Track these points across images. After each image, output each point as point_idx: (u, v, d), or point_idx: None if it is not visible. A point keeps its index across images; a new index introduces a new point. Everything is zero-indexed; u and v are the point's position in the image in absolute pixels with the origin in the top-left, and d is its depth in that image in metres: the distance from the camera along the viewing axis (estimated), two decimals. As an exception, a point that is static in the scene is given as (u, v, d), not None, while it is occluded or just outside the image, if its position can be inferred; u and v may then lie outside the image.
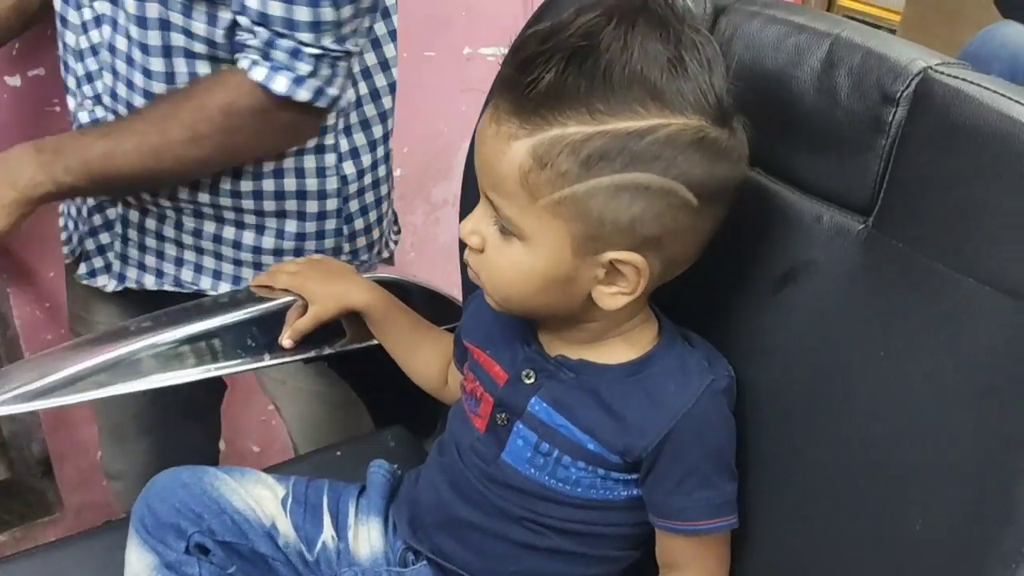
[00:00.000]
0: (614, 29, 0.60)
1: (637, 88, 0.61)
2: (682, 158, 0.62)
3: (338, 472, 0.88)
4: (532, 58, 0.61)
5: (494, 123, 0.64)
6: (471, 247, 0.69)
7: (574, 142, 0.61)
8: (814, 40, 0.69)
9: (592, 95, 0.61)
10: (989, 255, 0.57)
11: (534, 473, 0.72)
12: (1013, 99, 0.57)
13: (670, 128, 0.61)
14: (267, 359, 0.90)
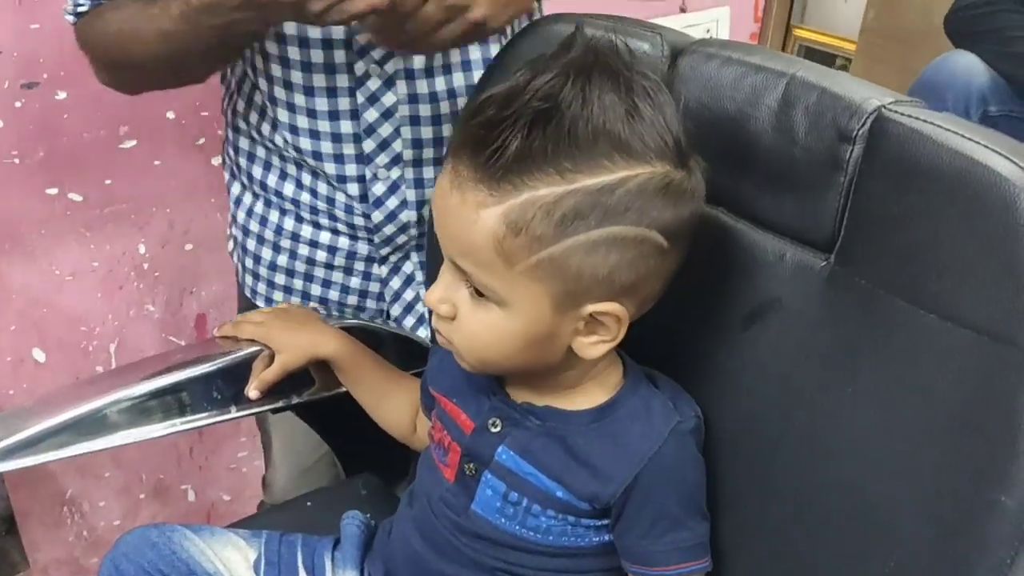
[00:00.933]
0: (572, 87, 0.60)
1: (602, 142, 0.61)
2: (651, 205, 0.62)
3: (310, 524, 0.87)
4: (494, 124, 0.61)
5: (457, 191, 0.63)
6: (441, 315, 0.68)
7: (547, 204, 0.61)
8: (770, 80, 0.70)
9: (559, 155, 0.60)
10: (949, 291, 0.58)
11: (504, 523, 0.72)
12: (966, 137, 0.58)
13: (638, 178, 0.62)
14: (234, 411, 0.89)
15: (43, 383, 1.29)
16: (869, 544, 0.62)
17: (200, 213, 1.34)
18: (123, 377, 0.86)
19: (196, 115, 1.29)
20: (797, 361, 0.68)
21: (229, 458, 1.50)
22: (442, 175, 0.65)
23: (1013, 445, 0.54)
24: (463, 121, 0.65)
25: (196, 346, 0.94)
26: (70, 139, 1.21)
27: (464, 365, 0.70)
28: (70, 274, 1.28)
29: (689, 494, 0.70)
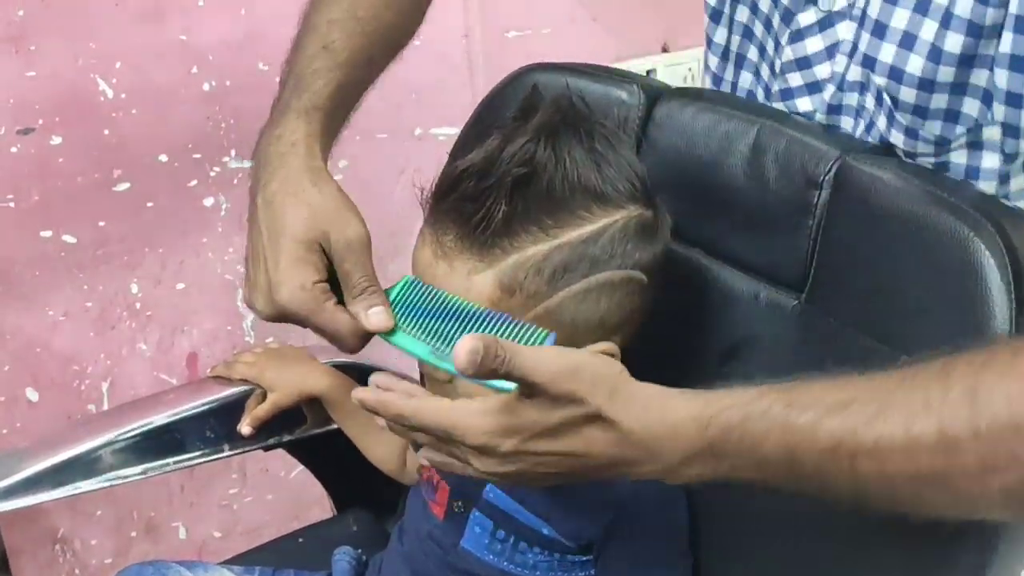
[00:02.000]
0: (544, 149, 0.63)
1: (579, 196, 0.64)
2: (632, 247, 0.66)
3: (302, 560, 0.88)
4: (476, 196, 0.64)
5: (443, 261, 0.65)
6: (436, 380, 0.69)
7: (536, 263, 0.64)
8: (742, 127, 0.73)
9: (542, 214, 0.63)
10: (912, 330, 0.60)
11: (493, 559, 0.73)
12: (923, 184, 0.61)
13: (617, 224, 0.65)
14: (227, 449, 0.91)
15: (36, 422, 1.30)
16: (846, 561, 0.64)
17: (192, 253, 1.36)
18: (116, 417, 0.87)
19: (188, 158, 1.31)
20: None
21: (220, 495, 1.50)
22: (421, 247, 0.67)
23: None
24: (442, 195, 0.67)
25: (189, 386, 0.96)
26: (64, 182, 1.23)
27: None
28: (63, 314, 1.29)
29: (670, 532, 0.72)
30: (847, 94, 0.73)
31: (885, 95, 0.68)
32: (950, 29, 0.63)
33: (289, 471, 1.54)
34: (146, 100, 1.25)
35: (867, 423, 0.49)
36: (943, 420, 0.46)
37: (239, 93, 1.30)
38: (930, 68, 0.65)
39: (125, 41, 1.21)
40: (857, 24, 0.70)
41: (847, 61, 0.72)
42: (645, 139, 0.80)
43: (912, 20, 0.65)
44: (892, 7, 0.66)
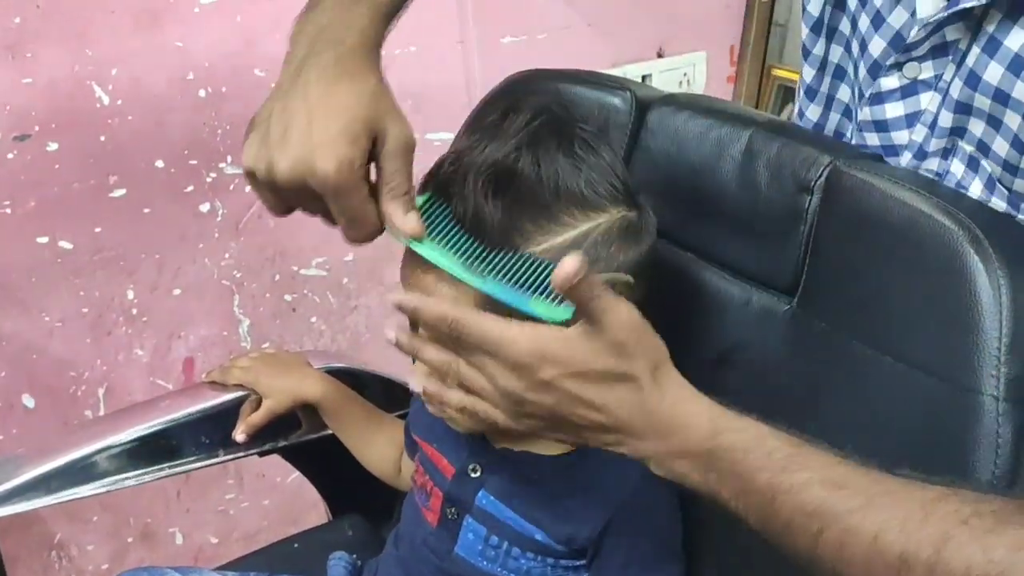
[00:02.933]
0: (527, 156, 0.63)
1: (562, 201, 0.64)
2: (617, 250, 0.65)
3: (296, 565, 0.89)
4: (455, 193, 0.63)
5: (431, 272, 0.64)
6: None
7: None
8: (734, 133, 0.73)
9: (523, 221, 0.63)
10: (901, 335, 0.61)
11: (486, 565, 0.74)
12: (913, 189, 0.61)
13: (600, 227, 0.65)
14: (221, 455, 0.91)
15: (32, 428, 1.30)
16: None
17: (188, 259, 1.36)
18: (112, 423, 0.88)
19: (185, 164, 1.31)
20: (764, 400, 0.69)
21: (216, 501, 1.51)
22: (408, 257, 0.66)
23: (963, 480, 0.56)
24: (429, 207, 0.65)
25: (184, 391, 0.96)
26: (61, 189, 1.23)
27: (456, 428, 0.71)
28: (59, 320, 1.29)
29: (661, 536, 0.72)
30: (929, 159, 0.73)
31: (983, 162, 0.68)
32: None
33: (285, 476, 1.54)
34: (142, 107, 1.25)
35: (847, 511, 0.52)
36: (907, 547, 0.49)
37: (235, 100, 1.31)
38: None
39: (122, 48, 1.21)
40: (941, 96, 0.70)
41: (926, 132, 0.72)
42: (637, 145, 0.80)
43: None
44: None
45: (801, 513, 0.53)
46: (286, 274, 1.44)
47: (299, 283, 1.46)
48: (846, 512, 0.52)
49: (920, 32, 0.69)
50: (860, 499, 0.52)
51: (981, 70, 0.66)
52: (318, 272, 1.47)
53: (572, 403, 0.57)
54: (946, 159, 0.72)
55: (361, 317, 1.53)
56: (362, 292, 1.52)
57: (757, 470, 0.55)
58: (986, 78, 0.66)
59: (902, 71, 0.72)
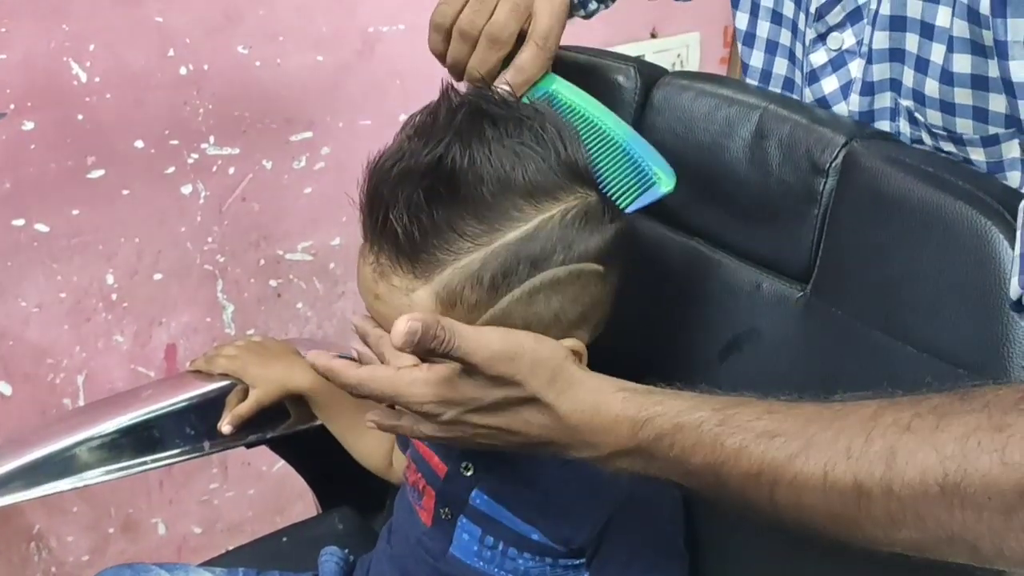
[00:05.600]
0: (461, 150, 0.59)
1: (506, 195, 0.59)
2: (575, 239, 0.61)
3: (286, 560, 0.86)
4: (394, 203, 0.59)
5: (383, 280, 0.61)
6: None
7: (473, 272, 0.59)
8: (744, 112, 0.70)
9: (469, 220, 0.59)
10: (923, 323, 0.58)
11: (483, 566, 0.71)
12: (936, 171, 0.59)
13: (553, 218, 0.61)
14: (207, 446, 0.88)
15: (9, 416, 1.26)
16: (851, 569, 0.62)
17: (169, 242, 1.32)
18: (94, 414, 0.84)
19: (165, 144, 1.27)
20: (775, 390, 0.67)
21: (200, 491, 1.48)
22: (362, 266, 0.63)
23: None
24: (368, 210, 0.62)
25: (168, 381, 0.93)
26: (37, 169, 1.19)
27: None
28: (36, 306, 1.25)
29: (664, 534, 0.70)
30: (877, 124, 0.71)
31: (919, 115, 0.66)
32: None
33: (271, 465, 1.51)
34: (121, 84, 1.21)
35: (789, 458, 0.50)
36: (859, 472, 0.48)
37: (217, 77, 1.27)
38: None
39: (99, 23, 1.17)
40: (865, 60, 0.68)
41: (859, 99, 0.70)
42: (643, 124, 0.77)
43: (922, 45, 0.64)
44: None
45: (748, 477, 0.52)
46: (271, 259, 1.41)
47: (284, 268, 1.42)
48: (788, 460, 0.50)
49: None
50: (798, 442, 0.50)
51: (900, 9, 0.65)
52: (304, 257, 1.44)
53: (488, 432, 0.58)
54: (894, 120, 0.70)
55: (348, 303, 1.50)
56: (349, 277, 1.49)
57: (691, 449, 0.54)
58: (909, 15, 0.65)
59: (826, 43, 0.71)
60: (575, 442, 0.57)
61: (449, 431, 0.59)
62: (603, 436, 0.56)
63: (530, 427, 0.57)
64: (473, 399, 0.57)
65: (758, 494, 0.52)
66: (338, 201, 1.41)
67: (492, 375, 0.56)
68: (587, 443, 0.57)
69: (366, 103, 1.41)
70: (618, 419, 0.56)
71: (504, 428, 0.58)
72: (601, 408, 0.56)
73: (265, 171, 1.36)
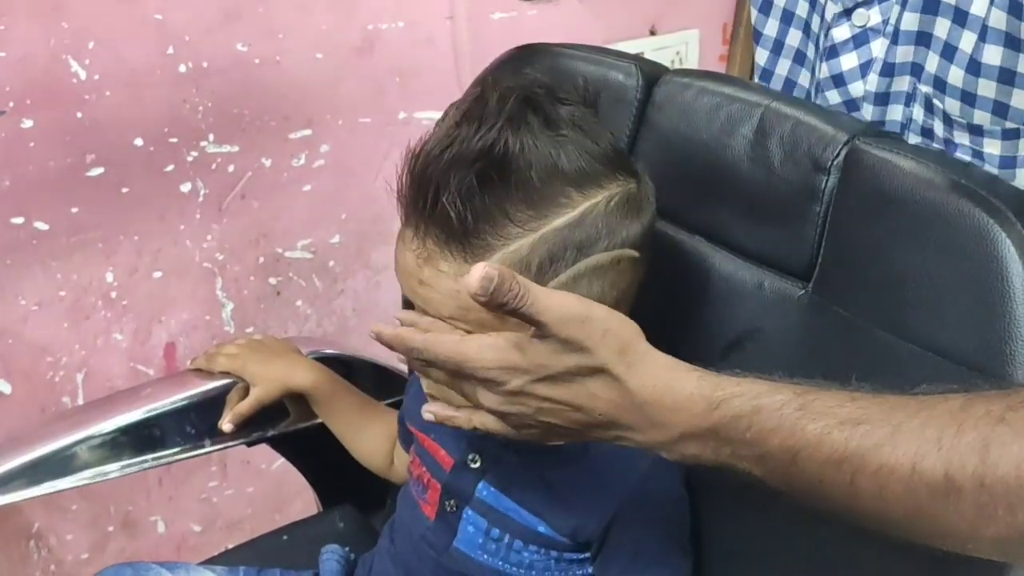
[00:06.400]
0: (512, 138, 0.59)
1: (555, 182, 0.61)
2: (618, 225, 0.63)
3: (287, 558, 0.86)
4: (445, 188, 0.59)
5: (428, 265, 0.61)
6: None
7: (522, 257, 0.60)
8: (746, 110, 0.70)
9: (519, 207, 0.60)
10: (926, 321, 0.58)
11: (487, 559, 0.71)
12: (939, 169, 0.59)
13: (598, 205, 0.62)
14: (208, 445, 0.88)
15: (9, 415, 1.26)
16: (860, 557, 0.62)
17: (169, 240, 1.32)
18: (95, 412, 0.84)
19: (165, 142, 1.27)
20: None
21: (199, 489, 1.47)
22: (403, 251, 0.63)
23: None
24: (413, 196, 0.62)
25: (169, 379, 0.93)
26: (36, 167, 1.19)
27: None
28: (36, 304, 1.25)
29: (670, 530, 0.70)
30: (891, 108, 0.70)
31: (937, 102, 0.65)
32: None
33: (271, 463, 1.51)
34: (120, 82, 1.21)
35: (875, 447, 0.48)
36: (951, 464, 0.46)
37: (217, 75, 1.27)
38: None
39: (98, 21, 1.17)
40: (890, 40, 0.67)
41: (878, 80, 0.70)
42: (644, 122, 0.77)
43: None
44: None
45: (828, 464, 0.49)
46: (270, 256, 1.40)
47: (284, 266, 1.42)
48: (874, 448, 0.48)
49: None
50: (885, 430, 0.48)
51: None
52: (303, 254, 1.43)
53: (552, 407, 0.56)
54: (908, 106, 0.70)
55: (348, 301, 1.49)
56: (349, 275, 1.49)
57: (769, 432, 0.51)
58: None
59: (851, 19, 0.70)
60: (642, 422, 0.54)
61: (512, 404, 0.56)
62: (674, 415, 0.53)
63: (596, 402, 0.54)
64: (541, 366, 0.54)
65: (837, 482, 0.50)
66: (338, 199, 1.41)
67: (562, 338, 0.53)
68: (656, 423, 0.54)
69: (366, 101, 1.41)
70: (692, 397, 0.53)
71: (569, 402, 0.55)
72: (674, 385, 0.53)
73: (264, 169, 1.35)
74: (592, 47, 0.82)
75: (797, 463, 0.51)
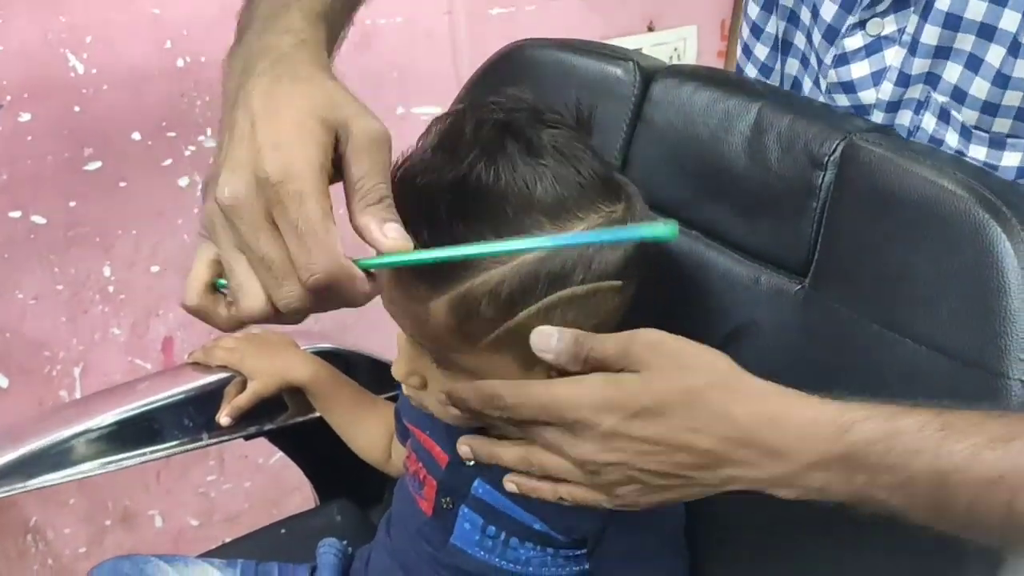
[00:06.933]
0: (485, 164, 0.58)
1: (530, 214, 0.58)
2: (596, 257, 0.60)
3: (284, 552, 0.86)
4: (416, 217, 0.56)
5: (399, 287, 0.60)
6: (411, 386, 0.67)
7: (491, 288, 0.59)
8: (743, 106, 0.70)
9: (489, 237, 0.57)
10: (922, 317, 0.58)
11: (484, 555, 0.71)
12: (936, 165, 0.59)
13: None
14: (206, 438, 0.88)
15: (6, 409, 1.26)
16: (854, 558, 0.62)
17: (167, 234, 1.32)
18: (92, 405, 0.84)
19: (162, 136, 1.27)
20: (774, 383, 0.68)
21: (197, 482, 1.48)
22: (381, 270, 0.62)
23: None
24: None
25: (167, 373, 0.93)
26: (34, 161, 1.19)
27: (442, 419, 0.68)
28: (33, 298, 1.25)
29: (665, 529, 0.70)
30: (901, 114, 0.70)
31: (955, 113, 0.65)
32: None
33: (268, 458, 1.51)
34: (118, 76, 1.21)
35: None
36: None
37: (214, 69, 1.24)
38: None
39: (96, 15, 1.17)
40: (907, 51, 0.67)
41: (892, 88, 0.70)
42: (641, 118, 0.77)
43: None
44: None
45: (983, 485, 0.46)
46: (268, 251, 1.40)
47: (281, 260, 1.42)
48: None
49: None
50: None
51: (960, 8, 0.64)
52: (301, 249, 1.43)
53: (650, 449, 0.51)
54: (918, 113, 0.69)
55: (345, 295, 1.50)
56: (346, 269, 1.49)
57: (912, 455, 0.47)
58: (968, 16, 0.63)
59: (865, 29, 0.70)
60: (756, 455, 0.49)
61: (608, 450, 0.52)
62: (797, 443, 0.48)
63: (699, 439, 0.49)
64: (636, 396, 0.51)
65: (992, 504, 0.46)
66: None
67: (657, 364, 0.50)
68: (774, 453, 0.49)
69: (363, 95, 1.38)
70: (817, 422, 0.48)
71: (670, 441, 0.50)
72: (791, 411, 0.49)
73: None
74: (588, 42, 0.82)
75: (947, 487, 0.47)
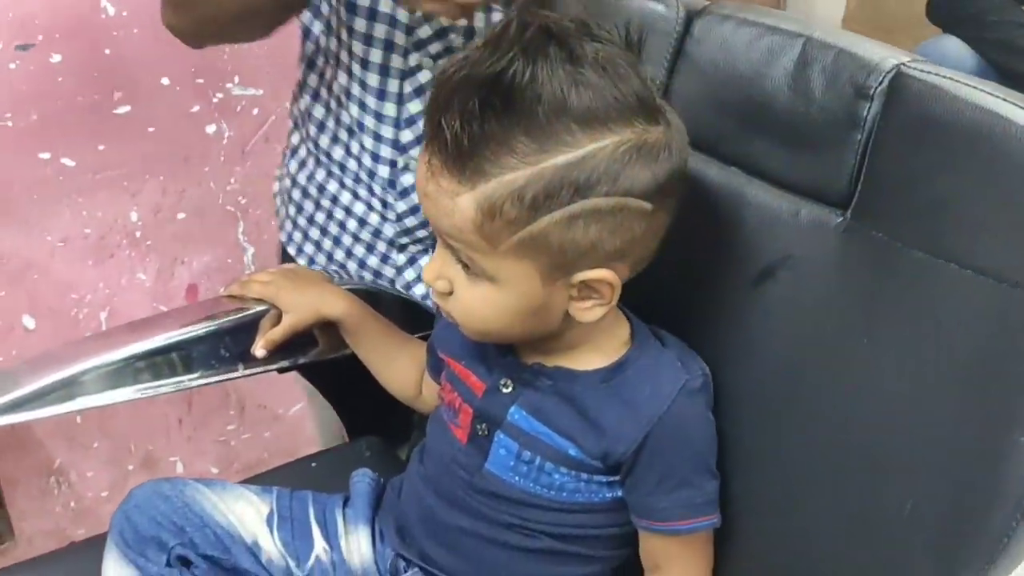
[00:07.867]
0: (523, 67, 0.59)
1: (561, 119, 0.60)
2: (624, 173, 0.61)
3: (315, 484, 0.87)
4: (449, 108, 0.60)
5: (432, 180, 0.62)
6: (438, 291, 0.68)
7: (516, 188, 0.60)
8: (787, 41, 0.71)
9: (520, 136, 0.59)
10: (968, 242, 0.59)
11: (518, 480, 0.72)
12: (985, 91, 0.59)
13: (604, 148, 0.61)
14: (240, 369, 0.89)
15: (32, 350, 1.27)
16: (884, 491, 0.63)
17: (193, 182, 1.33)
18: (132, 333, 0.85)
19: (191, 83, 1.27)
20: (810, 316, 0.69)
21: (218, 431, 1.49)
22: (420, 162, 0.64)
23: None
24: (431, 110, 0.63)
25: (203, 304, 0.94)
26: (64, 103, 1.20)
27: (467, 333, 0.70)
28: (61, 240, 1.26)
29: (698, 453, 0.71)
30: None
31: None
32: None
33: (287, 408, 1.52)
34: (149, 19, 1.20)
35: None
36: None
37: (245, 16, 1.26)
38: None
39: (127, -44, 1.17)
40: None
41: None
42: (682, 55, 0.77)
43: None
44: None
45: None
46: (293, 201, 1.41)
47: (306, 211, 1.43)
48: None
49: None
50: None
51: None
52: (325, 200, 1.44)
53: None
54: None
55: (367, 248, 1.50)
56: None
57: None
58: None
59: None
60: None
61: None
62: None
63: None
64: None
65: None
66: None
67: None
68: None
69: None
70: None
71: None
72: None
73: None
74: (631, -20, 0.82)
75: None
